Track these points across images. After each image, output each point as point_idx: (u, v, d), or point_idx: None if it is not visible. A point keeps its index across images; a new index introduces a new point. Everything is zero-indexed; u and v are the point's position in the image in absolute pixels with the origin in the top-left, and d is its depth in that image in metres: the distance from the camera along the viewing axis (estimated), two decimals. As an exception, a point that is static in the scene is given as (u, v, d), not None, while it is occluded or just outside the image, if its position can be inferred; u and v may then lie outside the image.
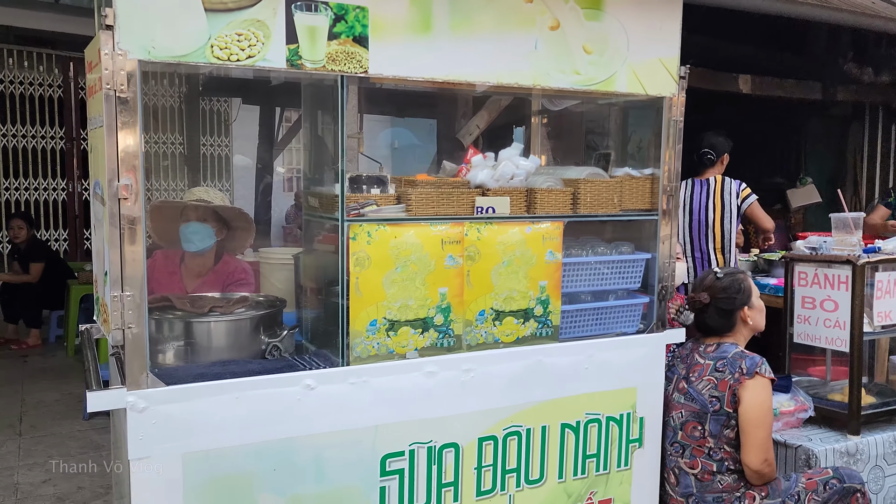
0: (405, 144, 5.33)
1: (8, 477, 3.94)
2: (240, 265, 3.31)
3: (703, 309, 2.77)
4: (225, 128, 11.35)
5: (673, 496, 2.74)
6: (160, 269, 3.25)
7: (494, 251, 2.40)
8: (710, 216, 4.36)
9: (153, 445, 1.97)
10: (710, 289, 2.77)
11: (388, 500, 2.29)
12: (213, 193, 3.30)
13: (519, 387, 2.46)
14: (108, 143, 1.86)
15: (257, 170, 9.35)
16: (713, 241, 4.38)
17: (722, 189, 4.37)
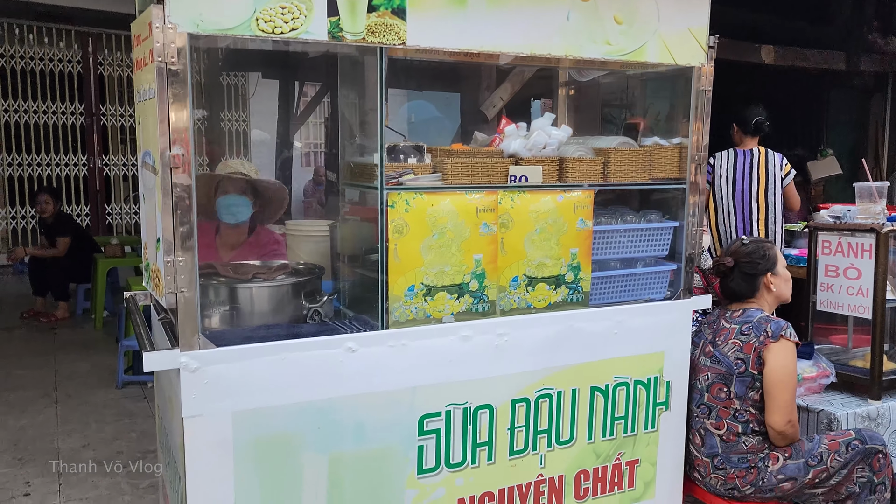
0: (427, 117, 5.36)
1: (49, 443, 4.08)
2: (273, 236, 3.39)
3: (727, 273, 2.83)
4: (243, 103, 11.41)
5: (698, 456, 2.82)
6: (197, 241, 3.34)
7: (527, 219, 2.46)
8: (755, 187, 4.37)
9: (205, 404, 2.06)
10: (735, 253, 2.83)
11: (426, 458, 2.38)
12: (248, 166, 3.38)
13: (550, 351, 2.54)
14: (160, 114, 1.93)
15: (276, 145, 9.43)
16: (757, 212, 4.40)
17: (766, 160, 4.37)
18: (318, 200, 9.41)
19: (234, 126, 11.29)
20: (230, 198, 3.19)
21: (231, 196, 3.19)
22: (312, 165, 12.13)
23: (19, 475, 3.66)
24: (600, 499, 2.73)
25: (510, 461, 2.53)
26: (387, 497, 2.35)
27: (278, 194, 3.38)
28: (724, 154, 4.58)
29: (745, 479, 2.70)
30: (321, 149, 12.24)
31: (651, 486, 2.82)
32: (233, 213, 3.19)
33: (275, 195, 3.37)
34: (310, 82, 8.45)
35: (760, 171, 4.38)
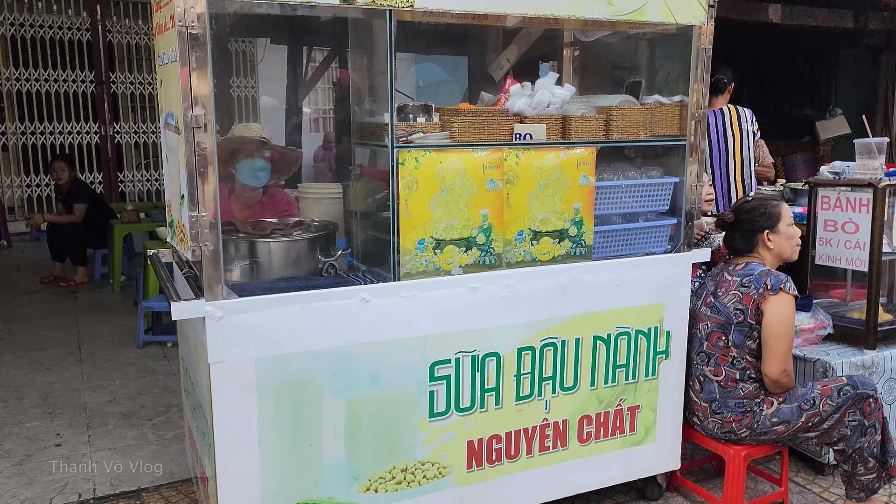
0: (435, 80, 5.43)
1: (76, 398, 4.26)
2: (286, 197, 3.51)
3: (728, 229, 2.94)
4: (251, 69, 11.45)
5: (697, 402, 2.95)
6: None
7: (532, 175, 2.56)
8: (730, 144, 4.46)
9: (229, 350, 2.20)
10: (738, 209, 2.93)
11: (437, 402, 2.53)
12: (265, 131, 3.48)
13: (554, 302, 2.66)
14: (182, 77, 2.03)
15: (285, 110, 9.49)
16: (733, 169, 4.50)
17: (739, 117, 4.47)
18: (327, 165, 9.50)
19: (243, 92, 11.35)
20: (256, 161, 3.29)
21: (257, 160, 3.30)
22: (321, 131, 12.19)
23: (51, 427, 3.85)
24: (603, 442, 2.87)
25: (517, 406, 2.67)
26: (401, 438, 2.50)
27: (296, 159, 3.49)
28: None
29: (740, 422, 2.84)
30: (330, 114, 12.30)
31: (651, 431, 2.96)
32: (258, 176, 3.29)
33: (292, 160, 3.48)
34: (318, 47, 8.50)
35: (734, 127, 4.48)
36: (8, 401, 4.21)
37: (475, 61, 5.20)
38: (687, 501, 3.12)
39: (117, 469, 3.39)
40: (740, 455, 2.88)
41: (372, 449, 2.46)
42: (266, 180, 3.29)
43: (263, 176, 3.25)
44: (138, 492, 3.19)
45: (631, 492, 3.16)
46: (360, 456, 2.45)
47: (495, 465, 2.68)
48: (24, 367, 4.79)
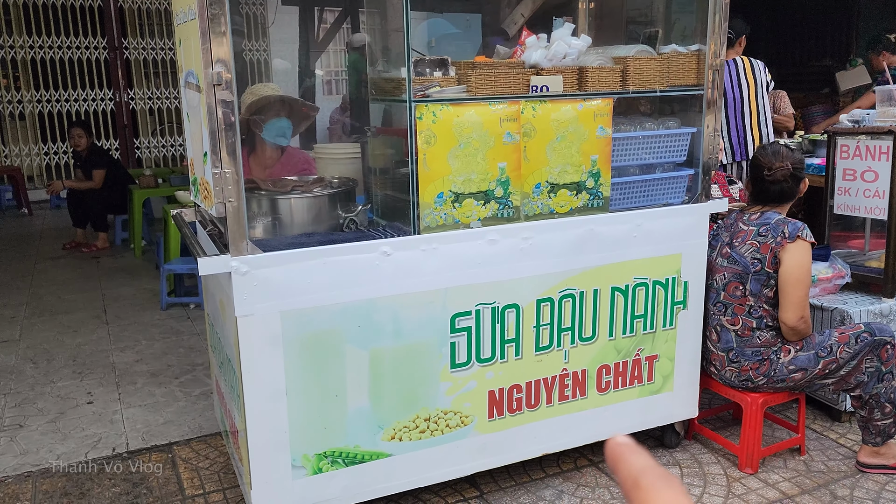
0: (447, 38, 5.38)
1: (105, 358, 4.37)
2: (303, 156, 3.53)
3: (776, 178, 2.87)
4: (263, 31, 11.38)
5: (714, 351, 2.99)
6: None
7: (549, 127, 2.57)
8: (745, 92, 4.42)
9: (255, 304, 2.26)
10: (791, 158, 2.87)
11: (458, 353, 2.58)
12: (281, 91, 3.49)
13: (572, 253, 2.69)
14: (202, 35, 2.05)
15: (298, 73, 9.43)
16: (749, 118, 4.47)
17: (752, 67, 4.43)
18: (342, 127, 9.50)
19: (255, 56, 11.31)
20: (282, 121, 3.32)
21: (283, 119, 3.32)
22: (335, 93, 12.15)
23: (81, 386, 3.96)
24: (621, 391, 2.92)
25: (536, 356, 2.72)
26: (423, 388, 2.56)
27: (311, 113, 3.51)
28: None
29: (758, 370, 2.87)
30: (343, 76, 12.24)
31: (669, 380, 3.01)
32: (285, 135, 3.32)
33: (308, 114, 3.49)
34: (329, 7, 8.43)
35: (748, 77, 4.45)
36: (38, 362, 4.32)
37: (489, 17, 5.14)
38: (704, 448, 3.18)
39: (148, 424, 3.49)
40: (757, 402, 2.93)
41: (395, 399, 2.52)
42: (289, 139, 3.32)
43: (289, 134, 3.27)
44: (169, 445, 3.29)
45: (649, 440, 3.22)
46: (384, 405, 2.51)
47: (516, 414, 2.74)
48: (52, 329, 4.90)
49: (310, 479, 2.44)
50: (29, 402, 3.76)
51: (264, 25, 11.42)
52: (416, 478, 2.62)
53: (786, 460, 3.09)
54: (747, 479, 2.94)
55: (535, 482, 2.94)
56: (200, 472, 3.06)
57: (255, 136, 3.37)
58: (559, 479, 2.95)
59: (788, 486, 2.89)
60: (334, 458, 2.47)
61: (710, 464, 3.06)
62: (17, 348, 4.56)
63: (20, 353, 4.48)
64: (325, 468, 2.46)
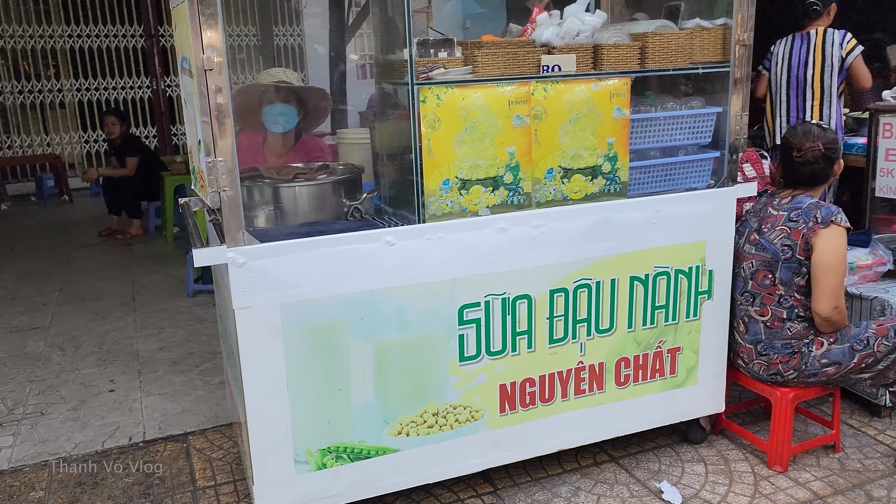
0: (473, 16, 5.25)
1: (129, 345, 4.39)
2: (318, 143, 3.46)
3: (807, 159, 2.69)
4: (296, 16, 11.35)
5: (742, 343, 2.84)
6: (244, 150, 3.42)
7: (561, 109, 2.44)
8: (810, 71, 4.16)
9: (253, 296, 2.19)
10: (823, 139, 2.69)
11: (467, 346, 2.48)
12: (291, 74, 3.42)
13: (588, 242, 2.56)
14: (191, 18, 1.98)
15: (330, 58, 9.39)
16: (811, 98, 4.20)
17: (823, 41, 4.12)
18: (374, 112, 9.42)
19: (288, 41, 11.28)
20: (277, 107, 3.25)
21: (278, 105, 3.26)
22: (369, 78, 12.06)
23: (104, 373, 3.98)
24: (641, 385, 2.80)
25: (550, 349, 2.61)
26: (431, 382, 2.47)
27: (322, 101, 3.43)
28: (784, 40, 4.36)
29: (787, 364, 2.72)
30: (375, 44, 12.14)
31: (693, 373, 2.87)
32: (280, 122, 3.26)
33: (318, 102, 3.42)
34: (362, -10, 8.33)
35: (817, 53, 4.15)
36: (66, 349, 4.37)
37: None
38: (732, 444, 3.04)
39: (166, 413, 3.49)
40: (787, 397, 2.77)
41: (402, 392, 2.45)
42: (290, 125, 3.25)
43: (285, 121, 3.20)
44: (185, 435, 3.28)
45: (674, 434, 3.09)
46: (390, 399, 2.44)
47: (529, 408, 2.64)
48: (82, 316, 4.96)
49: (314, 475, 2.38)
50: (53, 390, 3.79)
51: (297, 9, 11.40)
52: (425, 473, 2.55)
53: (819, 458, 2.93)
54: (776, 478, 2.79)
55: (551, 478, 2.84)
56: (213, 463, 3.03)
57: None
58: (576, 475, 2.85)
59: (820, 485, 2.74)
60: (339, 454, 2.40)
61: (737, 461, 2.92)
62: (47, 335, 4.61)
63: (49, 339, 4.53)
64: (330, 463, 2.40)
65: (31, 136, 10.42)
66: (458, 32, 8.86)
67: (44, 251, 6.92)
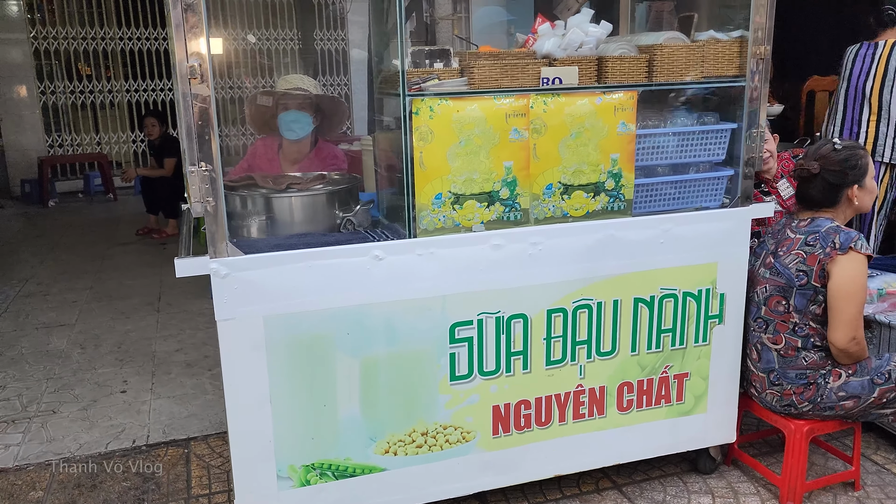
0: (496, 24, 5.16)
1: (147, 346, 4.44)
2: (333, 151, 3.44)
3: (809, 179, 2.58)
4: (340, 20, 11.43)
5: (754, 371, 2.70)
6: (260, 156, 3.44)
7: (562, 123, 2.35)
8: (869, 83, 3.90)
9: (236, 308, 2.16)
10: (824, 159, 2.54)
11: (458, 365, 2.41)
12: (308, 80, 3.40)
13: (589, 260, 2.46)
14: (175, 23, 1.96)
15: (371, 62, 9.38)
16: (868, 113, 3.93)
17: (890, 53, 3.85)
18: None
19: (331, 45, 11.37)
20: (290, 114, 3.24)
21: (291, 112, 3.25)
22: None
23: (119, 374, 4.02)
24: (646, 411, 2.68)
25: (547, 371, 2.52)
26: (420, 400, 2.41)
27: (338, 108, 3.41)
28: (852, 48, 4.06)
29: (802, 395, 2.57)
30: (373, 51, 12.15)
31: (702, 400, 2.74)
32: (293, 129, 3.25)
33: (334, 109, 3.40)
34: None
35: (880, 66, 3.85)
36: (87, 347, 4.44)
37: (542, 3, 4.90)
38: (744, 476, 2.89)
39: (172, 417, 3.50)
40: (802, 430, 2.62)
41: (390, 410, 2.38)
42: (304, 133, 3.23)
43: (301, 128, 3.19)
44: (187, 441, 3.28)
45: (682, 463, 2.96)
46: (377, 417, 2.38)
47: (524, 431, 2.55)
48: (107, 315, 5.04)
49: (297, 492, 2.34)
50: (67, 388, 3.85)
51: (342, 14, 11.47)
52: (413, 494, 2.48)
53: (836, 496, 2.76)
54: (787, 516, 2.64)
55: (549, 503, 2.74)
56: (211, 471, 3.02)
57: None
58: (577, 502, 2.74)
59: (834, 526, 2.59)
60: (323, 471, 2.35)
61: (748, 494, 2.77)
62: (71, 332, 4.70)
63: (72, 337, 4.61)
64: (314, 480, 2.35)
65: (82, 134, 10.72)
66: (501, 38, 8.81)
67: (83, 248, 7.08)
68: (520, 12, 5.78)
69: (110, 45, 10.59)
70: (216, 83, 1.79)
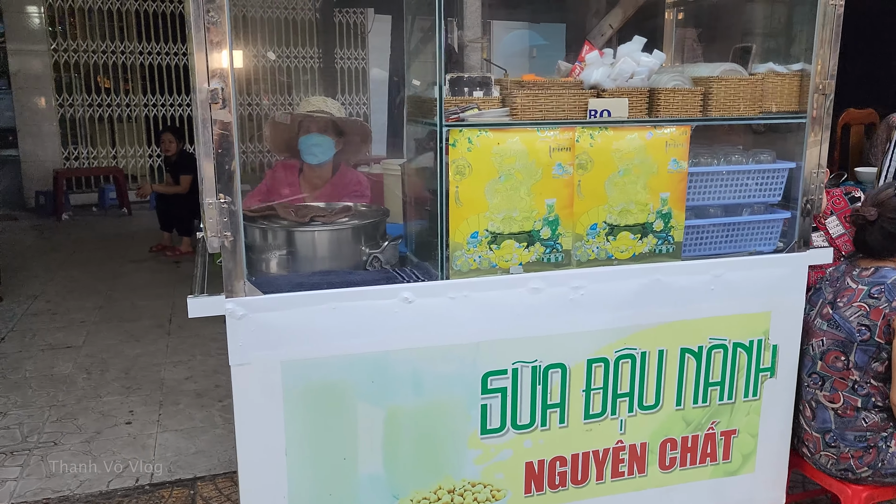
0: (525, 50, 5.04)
1: (156, 373, 4.26)
2: (356, 177, 3.28)
3: (866, 226, 2.39)
4: (361, 40, 11.37)
5: (808, 431, 2.49)
6: (280, 180, 3.29)
7: (609, 159, 2.18)
8: None
9: (252, 352, 1.99)
10: (882, 205, 2.35)
11: (490, 417, 2.22)
12: (331, 103, 3.25)
13: (634, 307, 2.28)
14: (197, 45, 1.80)
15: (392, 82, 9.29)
16: None
17: None
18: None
19: (351, 64, 11.30)
20: (312, 137, 3.09)
21: (313, 136, 3.10)
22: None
23: (125, 403, 3.85)
24: (689, 470, 2.47)
25: (585, 425, 2.32)
26: (447, 455, 2.22)
27: (358, 132, 3.25)
28: None
29: (861, 459, 2.36)
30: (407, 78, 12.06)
31: (750, 460, 2.53)
32: (314, 152, 3.10)
33: (354, 133, 3.24)
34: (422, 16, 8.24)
35: None
36: (92, 372, 4.27)
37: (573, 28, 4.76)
38: (792, 542, 2.67)
39: (178, 453, 3.31)
40: (860, 497, 2.40)
41: (414, 465, 2.19)
42: (326, 157, 3.07)
43: (322, 152, 3.04)
44: (193, 480, 3.09)
45: (724, 524, 2.74)
46: (400, 472, 2.19)
47: (559, 490, 2.35)
48: (115, 337, 4.88)
49: (311, 551, 2.15)
50: (70, 418, 3.67)
51: (363, 34, 11.41)
52: (436, 556, 2.28)
53: (894, 567, 2.54)
54: (842, 590, 2.42)
55: (581, 566, 2.53)
56: (217, 516, 2.84)
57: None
58: (610, 566, 2.53)
59: None
60: (340, 529, 2.16)
61: (798, 563, 2.56)
62: (77, 356, 4.54)
63: (78, 361, 4.45)
64: (330, 539, 2.16)
65: (98, 148, 10.64)
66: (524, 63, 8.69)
67: (94, 264, 6.94)
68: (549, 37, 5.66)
69: (129, 59, 10.54)
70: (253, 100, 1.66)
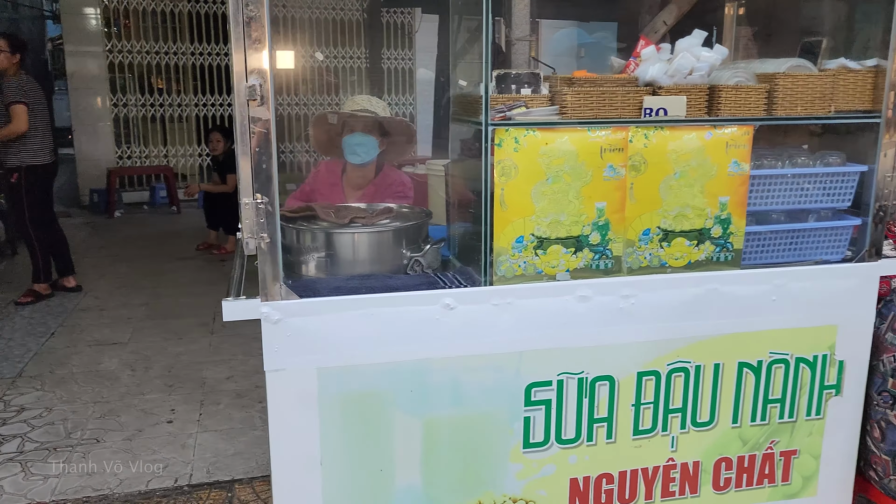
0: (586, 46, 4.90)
1: (197, 371, 4.26)
2: (399, 177, 3.21)
3: None
4: (409, 40, 11.34)
5: (876, 453, 2.33)
6: (322, 181, 3.24)
7: (665, 161, 2.05)
8: None
9: (288, 358, 1.93)
10: None
11: (533, 431, 2.12)
12: (376, 102, 3.19)
13: (688, 318, 2.15)
14: (235, 40, 1.75)
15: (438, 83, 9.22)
16: None
17: None
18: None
19: (398, 64, 11.28)
20: (355, 136, 3.03)
21: (356, 135, 3.03)
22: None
23: (167, 402, 3.85)
24: (745, 492, 2.33)
25: (634, 441, 2.20)
26: (488, 469, 2.12)
27: (402, 132, 3.18)
28: None
29: (936, 487, 2.19)
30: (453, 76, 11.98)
31: (812, 482, 2.38)
32: (357, 152, 3.04)
33: (399, 133, 3.17)
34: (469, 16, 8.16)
35: None
36: (137, 369, 4.29)
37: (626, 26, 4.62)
38: (856, 571, 2.50)
39: (217, 454, 3.28)
40: (933, 527, 2.23)
41: (453, 478, 2.10)
42: (369, 157, 3.01)
43: (364, 152, 2.97)
44: (231, 483, 3.06)
45: (782, 549, 2.58)
46: (438, 485, 2.10)
47: (605, 508, 2.23)
48: (160, 335, 4.90)
49: (345, 565, 2.07)
50: (113, 415, 3.68)
51: (410, 34, 11.39)
52: (476, 574, 2.19)
53: None
54: None
55: (627, 589, 2.40)
56: (253, 521, 2.79)
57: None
58: (659, 589, 2.40)
59: None
60: (376, 543, 2.09)
61: None
62: (122, 352, 4.57)
63: (123, 357, 4.48)
64: (365, 553, 2.08)
65: (150, 147, 10.83)
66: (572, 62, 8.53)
67: (142, 261, 7.03)
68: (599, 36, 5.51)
69: (181, 59, 10.70)
70: (280, 100, 1.61)
